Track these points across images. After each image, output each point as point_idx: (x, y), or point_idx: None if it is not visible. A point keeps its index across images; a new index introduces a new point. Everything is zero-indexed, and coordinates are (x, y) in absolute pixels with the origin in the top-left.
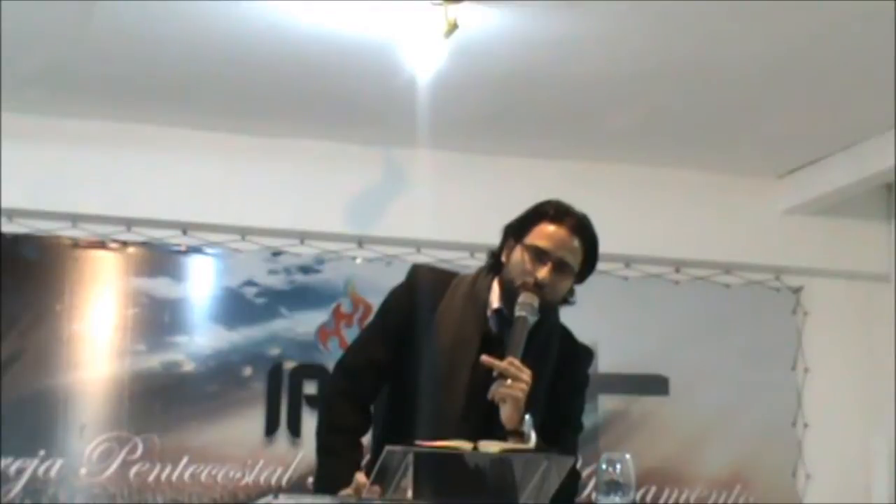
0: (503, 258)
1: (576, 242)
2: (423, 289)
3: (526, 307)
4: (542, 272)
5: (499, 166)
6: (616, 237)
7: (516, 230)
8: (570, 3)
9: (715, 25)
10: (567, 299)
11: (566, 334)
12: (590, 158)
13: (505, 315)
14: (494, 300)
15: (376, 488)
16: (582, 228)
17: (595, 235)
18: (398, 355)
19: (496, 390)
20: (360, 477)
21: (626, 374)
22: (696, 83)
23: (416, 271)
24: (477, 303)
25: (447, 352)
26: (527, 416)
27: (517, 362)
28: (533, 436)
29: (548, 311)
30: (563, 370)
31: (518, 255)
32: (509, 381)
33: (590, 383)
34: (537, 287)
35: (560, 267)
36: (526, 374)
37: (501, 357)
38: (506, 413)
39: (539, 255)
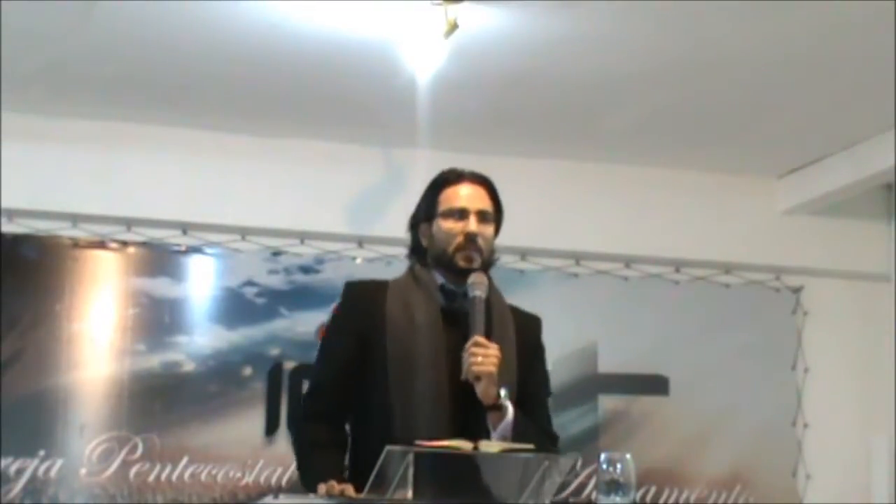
0: (424, 244)
1: (483, 192)
2: (364, 297)
3: (478, 286)
4: (470, 225)
5: (499, 166)
6: (616, 237)
7: (425, 213)
8: (570, 3)
9: (715, 26)
10: (493, 259)
11: (514, 308)
12: (590, 158)
13: (449, 289)
14: (437, 279)
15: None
16: (481, 178)
17: (492, 181)
18: (362, 363)
19: (468, 369)
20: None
21: (626, 374)
22: (696, 83)
23: (351, 285)
24: (423, 287)
25: (414, 340)
26: (503, 390)
27: (481, 339)
28: (510, 408)
29: (493, 288)
30: (522, 342)
31: (438, 227)
32: (479, 359)
33: (547, 355)
34: (470, 240)
35: (481, 216)
36: (493, 349)
37: (464, 330)
38: (482, 389)
39: (459, 213)
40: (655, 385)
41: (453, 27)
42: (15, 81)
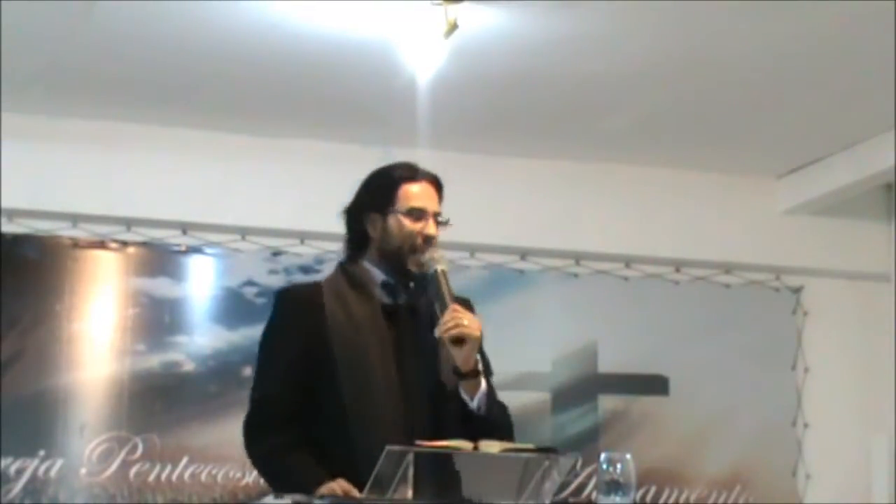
0: (371, 235)
1: (435, 193)
2: (301, 302)
3: (438, 261)
4: (428, 228)
5: (499, 166)
6: (616, 237)
7: (377, 203)
8: (570, 3)
9: (715, 25)
10: None
11: None
12: (590, 158)
13: (392, 285)
14: (377, 276)
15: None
16: (436, 179)
17: (442, 183)
18: (308, 368)
19: (455, 331)
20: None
21: (626, 374)
22: (696, 83)
23: (284, 292)
24: (360, 286)
25: (359, 341)
26: (477, 356)
27: (458, 307)
28: (482, 377)
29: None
30: None
31: (394, 223)
32: (466, 322)
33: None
34: (426, 243)
35: (436, 219)
36: (470, 315)
37: (406, 324)
38: (464, 354)
39: (418, 214)
40: (655, 385)
41: (453, 27)
42: (15, 81)
